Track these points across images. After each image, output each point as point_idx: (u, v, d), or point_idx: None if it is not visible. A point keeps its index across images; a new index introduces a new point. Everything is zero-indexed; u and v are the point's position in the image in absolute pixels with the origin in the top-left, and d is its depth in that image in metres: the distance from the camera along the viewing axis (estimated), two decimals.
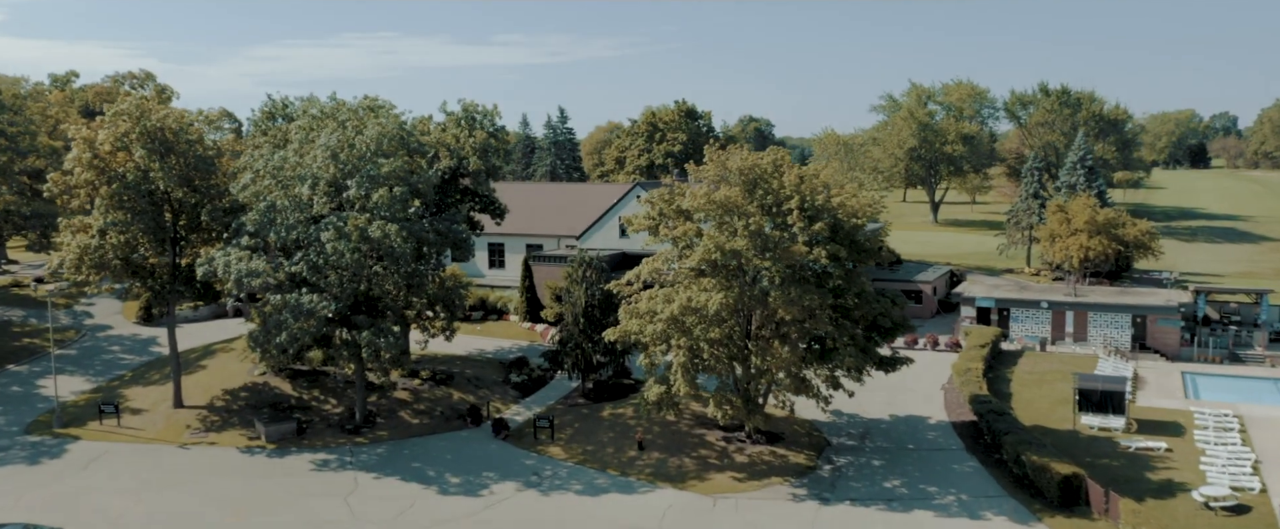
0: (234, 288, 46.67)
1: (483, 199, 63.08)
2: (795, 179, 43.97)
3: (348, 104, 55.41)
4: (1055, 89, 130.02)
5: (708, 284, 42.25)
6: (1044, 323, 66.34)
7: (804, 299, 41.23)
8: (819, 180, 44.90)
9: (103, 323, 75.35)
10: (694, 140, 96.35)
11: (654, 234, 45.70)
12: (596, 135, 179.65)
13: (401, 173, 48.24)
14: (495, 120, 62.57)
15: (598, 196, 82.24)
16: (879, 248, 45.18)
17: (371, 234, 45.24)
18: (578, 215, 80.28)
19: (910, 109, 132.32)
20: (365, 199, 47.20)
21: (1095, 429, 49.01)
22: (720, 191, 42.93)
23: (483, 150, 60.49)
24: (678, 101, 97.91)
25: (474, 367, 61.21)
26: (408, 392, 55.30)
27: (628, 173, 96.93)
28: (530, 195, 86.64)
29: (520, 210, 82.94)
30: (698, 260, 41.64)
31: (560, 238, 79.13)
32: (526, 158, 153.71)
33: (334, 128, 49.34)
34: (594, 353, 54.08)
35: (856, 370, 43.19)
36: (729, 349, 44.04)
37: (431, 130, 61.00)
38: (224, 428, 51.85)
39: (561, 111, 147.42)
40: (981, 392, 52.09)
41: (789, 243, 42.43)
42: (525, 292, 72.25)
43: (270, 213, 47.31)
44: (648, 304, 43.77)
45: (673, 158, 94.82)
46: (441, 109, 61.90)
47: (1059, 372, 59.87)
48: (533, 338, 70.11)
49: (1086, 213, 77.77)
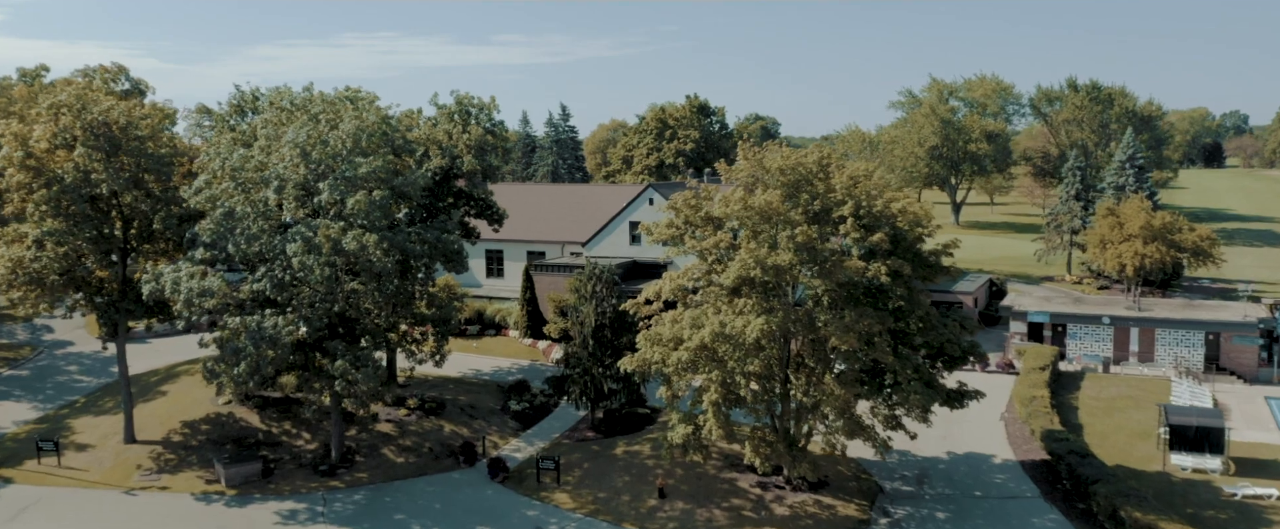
0: (184, 310, 39.73)
1: (479, 203, 56.26)
2: (847, 181, 37.15)
3: (325, 95, 48.53)
4: (1084, 84, 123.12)
5: (744, 305, 35.38)
6: (1105, 340, 59.45)
7: (861, 324, 34.42)
8: (872, 182, 38.07)
9: (63, 338, 68.45)
10: (706, 138, 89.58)
11: (677, 245, 38.89)
12: (599, 133, 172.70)
13: (383, 174, 41.38)
14: (493, 115, 55.75)
15: (605, 199, 75.38)
16: (948, 263, 38.32)
17: (346, 246, 38.38)
18: (584, 220, 73.44)
19: (932, 105, 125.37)
20: (340, 205, 40.36)
21: (1189, 471, 42.21)
22: (758, 195, 36.07)
23: (478, 148, 53.65)
24: (689, 97, 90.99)
25: (468, 391, 54.31)
26: (392, 424, 48.41)
27: (635, 173, 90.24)
28: (531, 198, 79.81)
29: (520, 214, 76.05)
30: (733, 278, 34.78)
31: (564, 244, 72.25)
32: (527, 157, 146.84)
33: (304, 122, 42.44)
34: (605, 379, 47.19)
35: (923, 409, 36.30)
36: (769, 382, 37.23)
37: (420, 125, 54.14)
38: (180, 468, 45.00)
39: (563, 108, 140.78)
40: (1054, 426, 45.22)
41: (842, 257, 35.60)
42: (526, 304, 65.40)
43: (228, 221, 40.44)
44: (671, 328, 36.95)
45: (684, 157, 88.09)
46: (432, 102, 55.10)
47: (1129, 397, 52.99)
48: (534, 356, 63.25)
49: (1141, 217, 70.95)
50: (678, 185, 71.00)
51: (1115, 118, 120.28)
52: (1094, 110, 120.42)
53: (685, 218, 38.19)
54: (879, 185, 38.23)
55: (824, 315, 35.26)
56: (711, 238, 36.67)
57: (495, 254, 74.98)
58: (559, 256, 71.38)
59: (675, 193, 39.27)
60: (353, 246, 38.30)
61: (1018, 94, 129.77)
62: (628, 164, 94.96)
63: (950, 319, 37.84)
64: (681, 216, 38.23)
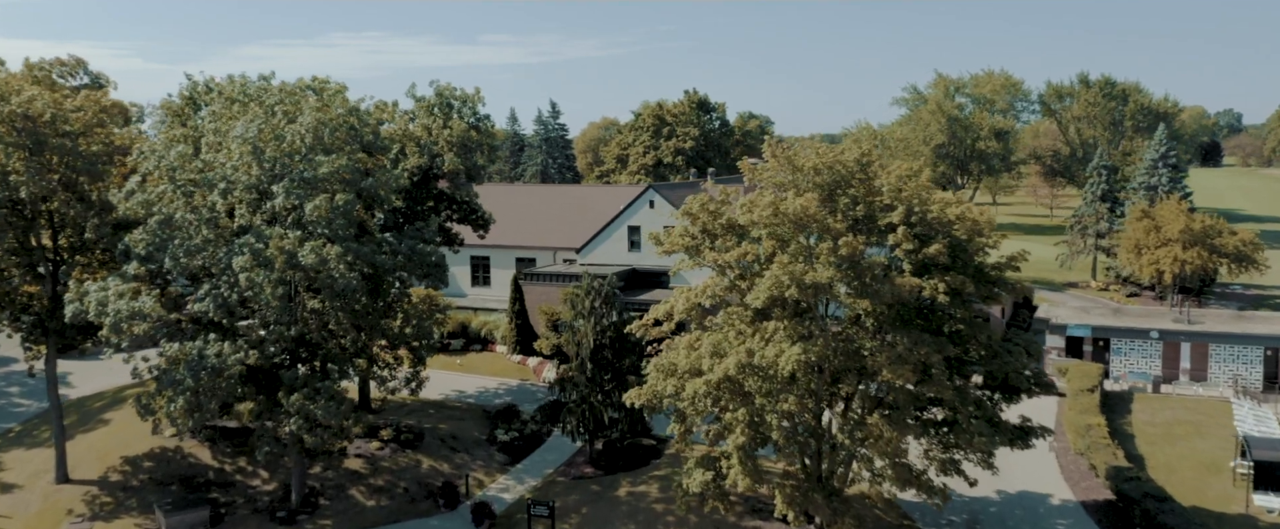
0: (111, 334, 33.74)
1: (462, 206, 50.42)
2: (895, 183, 31.50)
3: (286, 85, 42.60)
4: (1097, 80, 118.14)
5: (775, 330, 29.66)
6: (1154, 357, 54.04)
7: (916, 353, 28.78)
8: (920, 182, 32.46)
9: (7, 355, 62.23)
10: (706, 135, 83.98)
11: (694, 257, 33.16)
12: (590, 132, 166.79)
13: (348, 174, 35.53)
14: (477, 108, 49.89)
15: (601, 201, 69.58)
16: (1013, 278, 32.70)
17: (303, 260, 32.52)
18: (578, 224, 67.63)
19: (938, 102, 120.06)
20: (297, 211, 34.49)
21: (1276, 514, 36.76)
22: (790, 200, 30.35)
23: (461, 145, 47.78)
24: (687, 92, 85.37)
25: (450, 418, 48.44)
26: (363, 460, 42.50)
27: (631, 173, 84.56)
28: (520, 200, 73.93)
29: (508, 218, 70.16)
30: (764, 297, 29.06)
31: (556, 251, 66.43)
32: (515, 157, 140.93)
33: (257, 115, 36.52)
34: (605, 408, 41.42)
35: (986, 452, 30.67)
36: (805, 422, 31.56)
37: (396, 119, 48.24)
38: (117, 514, 39.09)
39: (553, 105, 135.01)
40: (1119, 460, 39.70)
41: (892, 272, 29.96)
42: (515, 317, 59.51)
43: (165, 230, 34.50)
44: (687, 357, 31.23)
45: (683, 156, 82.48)
46: (409, 93, 49.26)
47: (1188, 423, 47.55)
48: (524, 374, 57.40)
49: (1180, 219, 65.63)
50: (680, 186, 65.17)
51: (1130, 115, 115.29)
52: (1107, 107, 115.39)
53: (703, 226, 32.46)
54: (928, 186, 32.62)
55: (869, 342, 29.63)
56: (736, 249, 30.93)
57: (481, 261, 69.10)
58: (551, 264, 65.57)
59: (690, 196, 33.55)
60: (311, 260, 32.45)
61: (1027, 90, 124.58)
62: (623, 163, 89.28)
63: (1015, 344, 32.19)
64: (699, 224, 32.50)
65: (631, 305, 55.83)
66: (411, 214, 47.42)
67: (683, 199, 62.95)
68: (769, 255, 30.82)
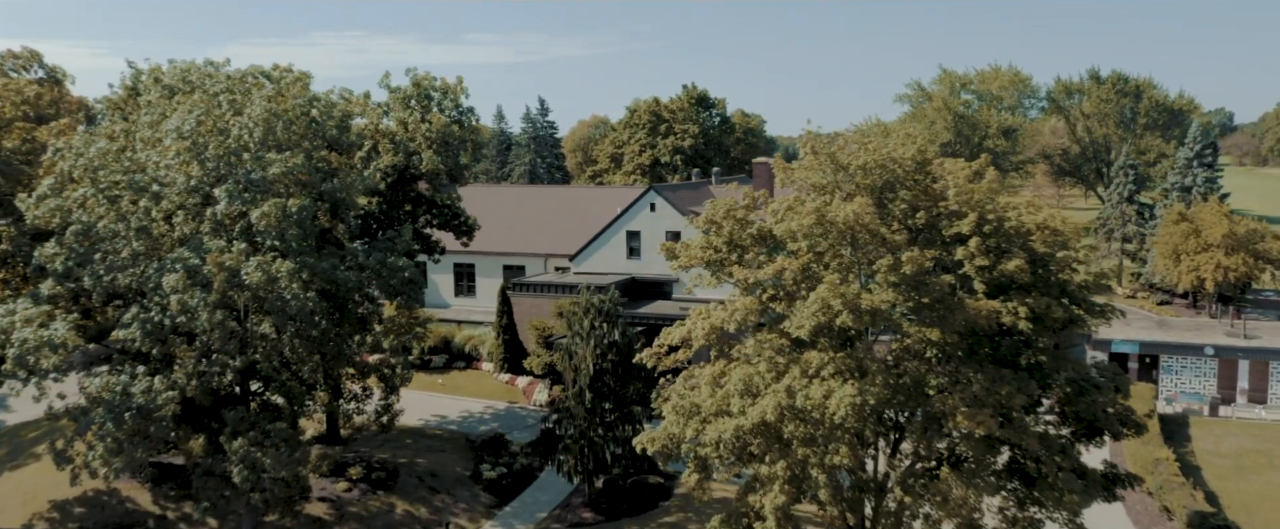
0: (14, 368, 28.11)
1: (443, 211, 44.93)
2: (964, 184, 26.23)
3: (240, 71, 37.05)
4: (1109, 75, 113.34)
5: (820, 363, 24.30)
6: (1208, 376, 49.00)
7: (996, 394, 23.52)
8: (988, 183, 27.21)
9: None
10: (706, 133, 78.67)
11: (716, 272, 27.79)
12: (580, 131, 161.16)
13: (305, 175, 30.04)
14: (460, 100, 44.38)
15: (596, 204, 64.17)
16: (1101, 301, 27.48)
17: (247, 278, 27.02)
18: (570, 228, 62.20)
19: (943, 98, 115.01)
20: (242, 218, 28.97)
21: None
22: (837, 206, 25.03)
23: (441, 142, 42.27)
24: (686, 86, 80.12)
25: (429, 449, 42.95)
26: (327, 504, 36.94)
27: (627, 173, 79.09)
28: (508, 202, 68.42)
29: (495, 221, 64.69)
30: (809, 326, 23.71)
31: (547, 258, 60.98)
32: (502, 156, 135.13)
33: (196, 105, 30.95)
34: (606, 444, 36.02)
35: (1074, 511, 25.40)
36: (855, 476, 26.21)
37: (368, 113, 42.71)
38: None
39: (541, 102, 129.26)
40: (1199, 504, 34.58)
41: (962, 293, 24.68)
42: (502, 331, 54.02)
43: (85, 240, 28.91)
44: (712, 398, 25.84)
45: (682, 154, 77.12)
46: (383, 84, 43.64)
47: (1258, 452, 42.53)
48: (512, 396, 51.92)
49: (1223, 224, 60.65)
50: (682, 187, 59.84)
51: (1145, 112, 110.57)
52: (1120, 104, 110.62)
53: (729, 236, 27.06)
54: (996, 188, 27.37)
55: (936, 379, 24.37)
56: (770, 265, 25.53)
57: (465, 270, 63.56)
58: (542, 273, 60.10)
59: (710, 201, 28.14)
60: (257, 278, 26.94)
61: (1035, 86, 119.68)
62: (617, 163, 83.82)
63: (1106, 380, 26.93)
64: (724, 234, 27.09)
65: (633, 319, 50.54)
66: (386, 220, 41.91)
67: (686, 201, 57.67)
68: (803, 270, 25.46)
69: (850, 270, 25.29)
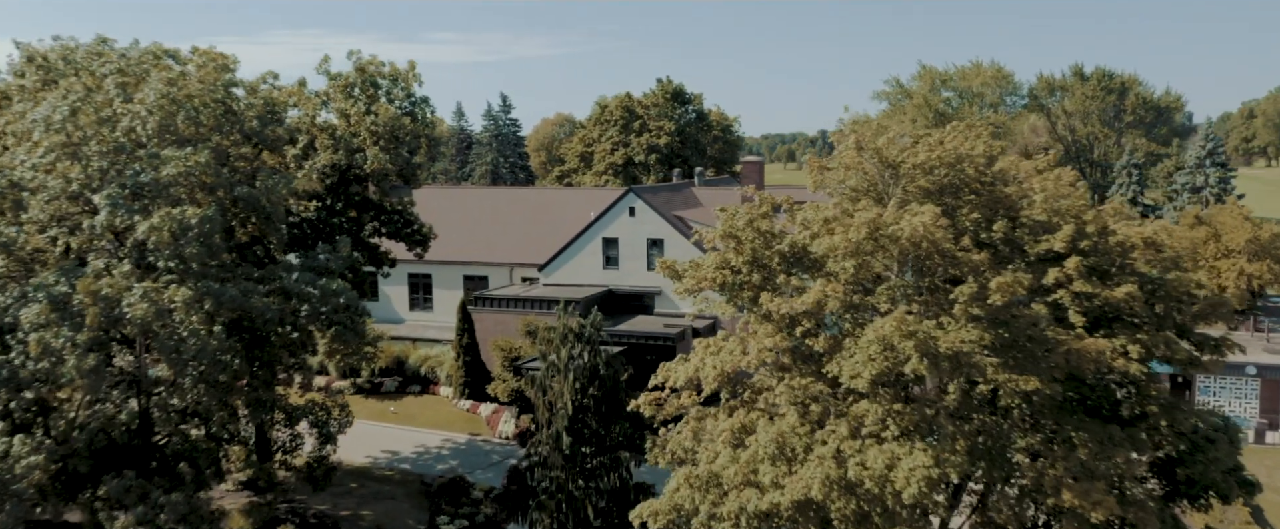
0: None
1: (393, 217, 38.81)
2: (1052, 188, 20.76)
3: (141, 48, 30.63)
4: (1093, 71, 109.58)
5: (877, 417, 18.68)
6: (1250, 398, 44.29)
7: (1107, 460, 18.08)
8: (1081, 191, 21.80)
9: None
10: (682, 130, 73.10)
11: (733, 298, 22.07)
12: (544, 129, 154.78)
13: (210, 177, 23.82)
14: (412, 88, 38.27)
15: (568, 208, 58.20)
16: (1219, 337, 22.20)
17: (129, 311, 20.79)
18: (539, 234, 56.19)
19: (924, 95, 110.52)
20: (127, 232, 22.73)
21: None
22: (894, 217, 19.41)
23: (390, 137, 36.13)
24: (661, 80, 74.38)
25: (376, 497, 36.81)
26: None
27: (598, 173, 73.26)
28: (469, 205, 62.17)
29: (455, 227, 58.52)
30: (867, 374, 18.08)
31: (514, 268, 54.91)
32: (462, 155, 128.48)
33: (73, 90, 24.59)
34: (588, 498, 30.10)
35: None
36: None
37: (302, 102, 36.45)
38: None
39: (504, 99, 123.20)
40: None
41: (1060, 330, 19.19)
42: (463, 352, 47.86)
43: None
44: (733, 464, 20.12)
45: (657, 153, 71.46)
46: (321, 69, 37.35)
47: None
48: (474, 426, 45.84)
49: (1246, 228, 56.17)
50: (664, 188, 54.12)
51: (1131, 109, 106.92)
52: (1108, 101, 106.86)
53: (752, 253, 21.32)
54: (1086, 196, 21.99)
55: (1023, 438, 18.89)
56: (809, 294, 19.79)
57: (421, 281, 57.26)
58: (507, 285, 54.04)
59: (725, 207, 22.41)
60: (142, 312, 20.74)
61: (1017, 83, 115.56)
62: (587, 162, 77.91)
63: (1220, 432, 21.63)
64: (746, 251, 21.34)
65: (610, 337, 44.77)
66: (325, 229, 35.71)
67: (669, 205, 51.92)
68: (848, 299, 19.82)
69: (910, 300, 19.68)
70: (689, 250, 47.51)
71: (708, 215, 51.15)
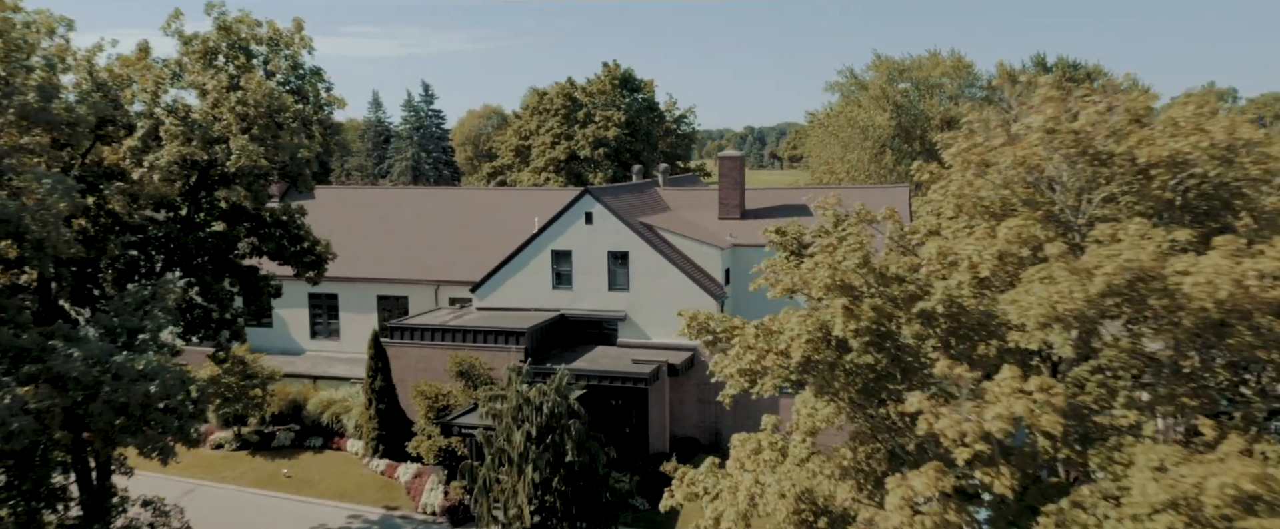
0: None
1: (273, 233, 28.71)
2: None
3: None
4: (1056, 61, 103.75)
5: None
6: None
7: None
8: None
9: None
10: (633, 122, 63.76)
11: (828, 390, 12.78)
12: (470, 122, 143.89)
13: None
14: (299, 58, 28.20)
15: (505, 211, 48.40)
16: None
17: None
18: (472, 245, 46.37)
19: (881, 86, 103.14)
20: None
21: None
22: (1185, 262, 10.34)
23: (266, 122, 26.01)
24: (607, 65, 64.58)
25: None
26: None
27: (536, 170, 63.27)
28: (385, 208, 51.82)
29: (368, 235, 48.39)
30: None
31: (439, 286, 44.96)
32: (379, 149, 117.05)
33: None
34: None
35: None
36: None
37: (143, 75, 26.12)
38: None
39: (426, 88, 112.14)
40: None
41: None
42: (375, 396, 37.70)
43: None
44: None
45: (605, 147, 61.87)
46: (169, 28, 26.94)
47: None
48: (391, 495, 35.91)
49: None
50: (624, 188, 44.66)
51: None
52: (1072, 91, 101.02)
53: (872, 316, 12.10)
54: None
55: None
56: (1006, 398, 10.65)
57: (324, 301, 46.86)
58: (433, 309, 44.08)
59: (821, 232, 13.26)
60: None
61: (978, 74, 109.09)
62: (523, 157, 67.89)
63: None
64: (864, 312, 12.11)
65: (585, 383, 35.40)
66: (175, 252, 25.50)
67: (633, 210, 42.43)
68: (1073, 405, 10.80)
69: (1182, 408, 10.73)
70: (662, 267, 38.25)
71: (678, 221, 41.91)
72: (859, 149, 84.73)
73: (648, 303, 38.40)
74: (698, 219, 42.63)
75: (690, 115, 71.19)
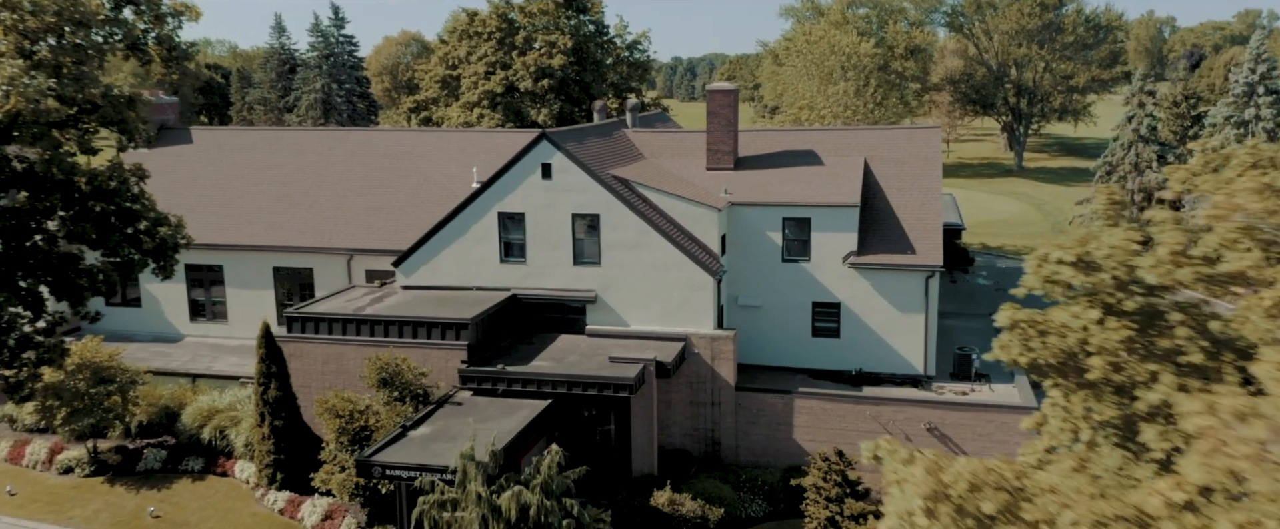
0: None
1: (96, 208, 19.27)
2: None
3: None
4: None
5: None
6: None
7: None
8: None
9: None
10: (581, 49, 53.83)
11: None
12: (387, 49, 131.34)
13: None
14: None
15: (437, 159, 38.89)
16: None
17: None
18: (396, 203, 37.03)
19: (841, 11, 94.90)
20: None
21: None
22: None
23: (58, 44, 16.41)
24: None
25: None
26: None
27: (466, 105, 53.15)
28: (286, 154, 41.75)
29: (261, 189, 38.80)
30: None
31: (354, 254, 35.61)
32: (283, 81, 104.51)
33: None
34: None
35: None
36: None
37: None
38: None
39: (336, 11, 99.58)
40: None
41: None
42: (270, 409, 28.59)
43: None
44: None
45: (550, 78, 52.06)
46: None
47: None
48: None
49: None
50: (588, 131, 35.33)
51: (1071, 28, 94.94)
52: (1045, 19, 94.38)
53: None
54: None
55: None
56: None
57: (206, 275, 37.15)
58: (347, 287, 34.90)
59: None
60: None
61: None
62: (451, 90, 57.50)
63: None
64: None
65: (517, 380, 27.06)
66: None
67: (602, 159, 32.82)
68: None
69: None
70: (643, 235, 29.70)
71: (658, 174, 33.19)
72: (843, 81, 76.45)
73: (625, 280, 29.96)
74: (681, 170, 34.00)
75: (644, 40, 61.88)
